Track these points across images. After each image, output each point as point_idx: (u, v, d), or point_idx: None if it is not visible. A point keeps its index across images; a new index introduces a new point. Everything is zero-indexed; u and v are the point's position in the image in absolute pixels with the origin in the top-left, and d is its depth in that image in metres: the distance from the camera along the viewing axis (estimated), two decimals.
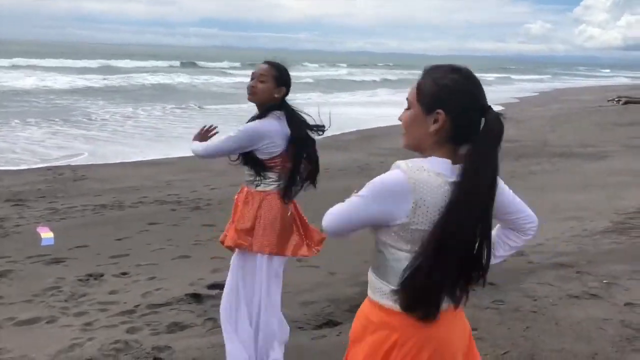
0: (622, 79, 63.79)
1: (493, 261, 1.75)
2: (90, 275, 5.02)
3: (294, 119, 3.07)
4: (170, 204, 7.91)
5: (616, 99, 23.68)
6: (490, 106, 1.70)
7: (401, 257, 1.68)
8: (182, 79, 36.18)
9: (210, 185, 9.15)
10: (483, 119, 1.66)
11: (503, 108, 18.76)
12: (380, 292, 1.72)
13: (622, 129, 14.37)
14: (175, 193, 8.53)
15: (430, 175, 1.63)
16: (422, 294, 1.63)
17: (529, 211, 1.84)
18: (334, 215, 1.72)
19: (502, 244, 1.87)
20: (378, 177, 1.67)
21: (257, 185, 3.13)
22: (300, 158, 3.09)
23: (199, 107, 21.43)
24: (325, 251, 3.39)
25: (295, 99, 3.25)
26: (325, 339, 3.67)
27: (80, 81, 29.92)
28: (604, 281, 4.49)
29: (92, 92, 25.17)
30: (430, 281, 1.62)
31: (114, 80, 31.75)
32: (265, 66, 3.08)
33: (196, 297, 4.49)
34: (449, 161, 1.66)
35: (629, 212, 6.82)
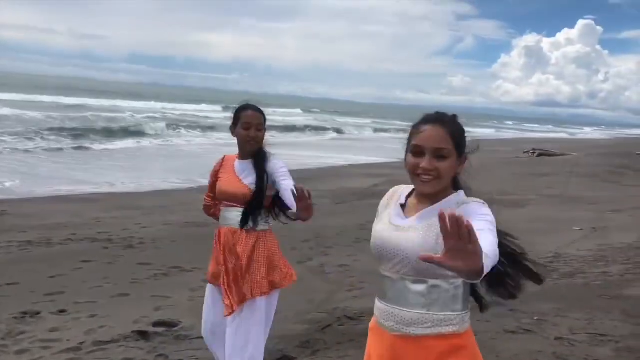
0: (554, 134, 67.59)
1: None
2: (26, 313, 4.80)
3: None
4: (101, 241, 7.68)
5: (531, 151, 25.38)
6: None
7: (460, 284, 1.87)
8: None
9: (141, 223, 8.96)
10: None
11: None
12: (444, 321, 1.85)
13: (537, 179, 15.46)
14: (105, 231, 8.28)
15: None
16: None
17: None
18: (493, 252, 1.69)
19: None
20: (486, 207, 1.85)
21: (256, 225, 3.14)
22: None
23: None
24: None
25: None
26: None
27: None
28: (535, 318, 4.84)
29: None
30: None
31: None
32: (258, 114, 3.17)
33: (143, 335, 4.41)
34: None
35: (548, 257, 7.33)
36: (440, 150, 1.83)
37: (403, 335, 1.85)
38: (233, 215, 3.14)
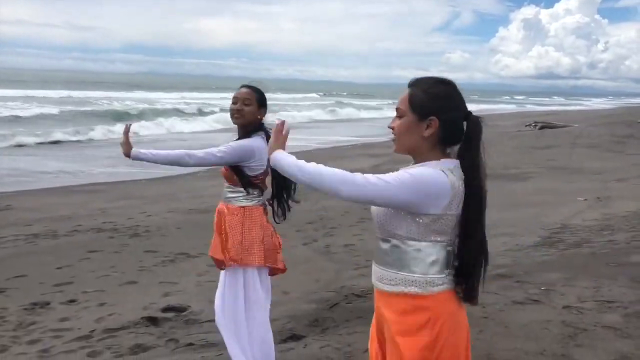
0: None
1: None
2: (36, 304, 4.84)
3: None
4: (107, 231, 7.70)
5: (533, 124, 25.27)
6: (470, 111, 1.93)
7: (421, 247, 1.87)
8: None
9: (146, 212, 8.97)
10: (465, 123, 1.91)
11: None
12: (404, 281, 1.89)
13: (540, 152, 15.42)
14: (110, 221, 8.30)
15: (454, 174, 1.86)
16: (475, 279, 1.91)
17: None
18: (359, 187, 1.79)
19: None
20: (418, 169, 1.84)
21: (238, 201, 3.23)
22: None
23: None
24: None
25: None
26: (293, 351, 3.75)
27: None
28: (542, 288, 4.84)
29: None
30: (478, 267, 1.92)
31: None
32: (248, 90, 3.23)
33: (153, 320, 4.43)
34: (456, 161, 1.89)
35: (554, 228, 7.34)
36: (397, 111, 1.94)
37: (378, 290, 1.97)
38: (223, 190, 3.32)
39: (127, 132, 3.15)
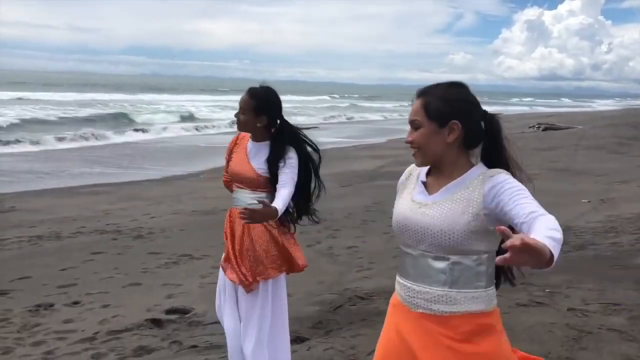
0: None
1: None
2: (40, 305, 4.84)
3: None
4: (110, 233, 7.71)
5: (536, 126, 25.26)
6: (486, 110, 1.93)
7: (484, 260, 1.81)
8: None
9: (150, 213, 8.98)
10: (483, 122, 1.90)
11: None
12: (469, 299, 1.79)
13: (543, 154, 15.38)
14: (114, 222, 8.31)
15: None
16: None
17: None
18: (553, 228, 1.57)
19: None
20: (510, 176, 1.81)
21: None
22: None
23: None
24: None
25: None
26: (297, 354, 3.75)
27: None
28: (547, 290, 4.83)
29: None
30: None
31: None
32: (246, 96, 3.04)
33: (156, 322, 4.43)
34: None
35: None
36: (413, 123, 1.86)
37: (429, 313, 1.81)
38: (241, 196, 3.12)
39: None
